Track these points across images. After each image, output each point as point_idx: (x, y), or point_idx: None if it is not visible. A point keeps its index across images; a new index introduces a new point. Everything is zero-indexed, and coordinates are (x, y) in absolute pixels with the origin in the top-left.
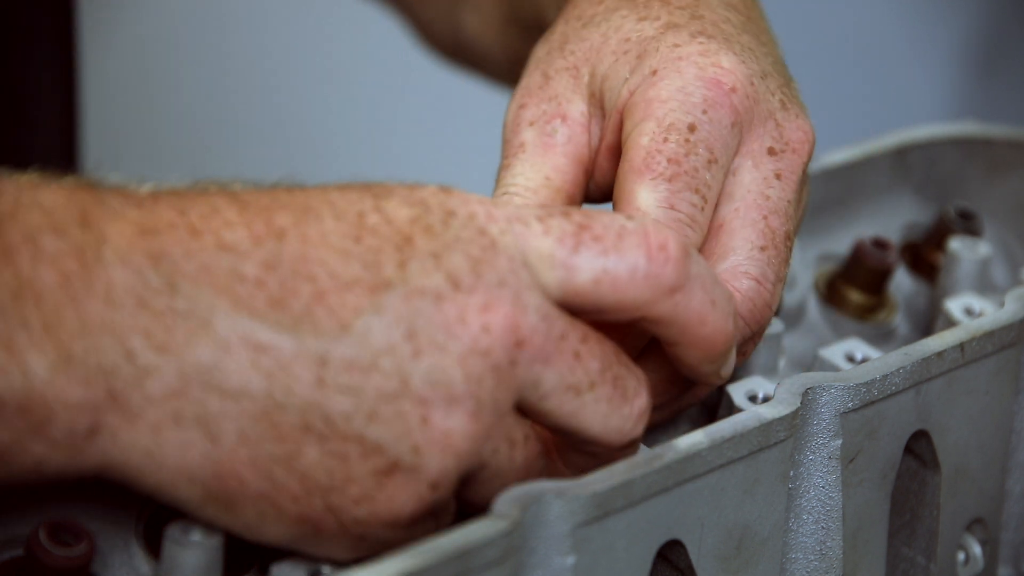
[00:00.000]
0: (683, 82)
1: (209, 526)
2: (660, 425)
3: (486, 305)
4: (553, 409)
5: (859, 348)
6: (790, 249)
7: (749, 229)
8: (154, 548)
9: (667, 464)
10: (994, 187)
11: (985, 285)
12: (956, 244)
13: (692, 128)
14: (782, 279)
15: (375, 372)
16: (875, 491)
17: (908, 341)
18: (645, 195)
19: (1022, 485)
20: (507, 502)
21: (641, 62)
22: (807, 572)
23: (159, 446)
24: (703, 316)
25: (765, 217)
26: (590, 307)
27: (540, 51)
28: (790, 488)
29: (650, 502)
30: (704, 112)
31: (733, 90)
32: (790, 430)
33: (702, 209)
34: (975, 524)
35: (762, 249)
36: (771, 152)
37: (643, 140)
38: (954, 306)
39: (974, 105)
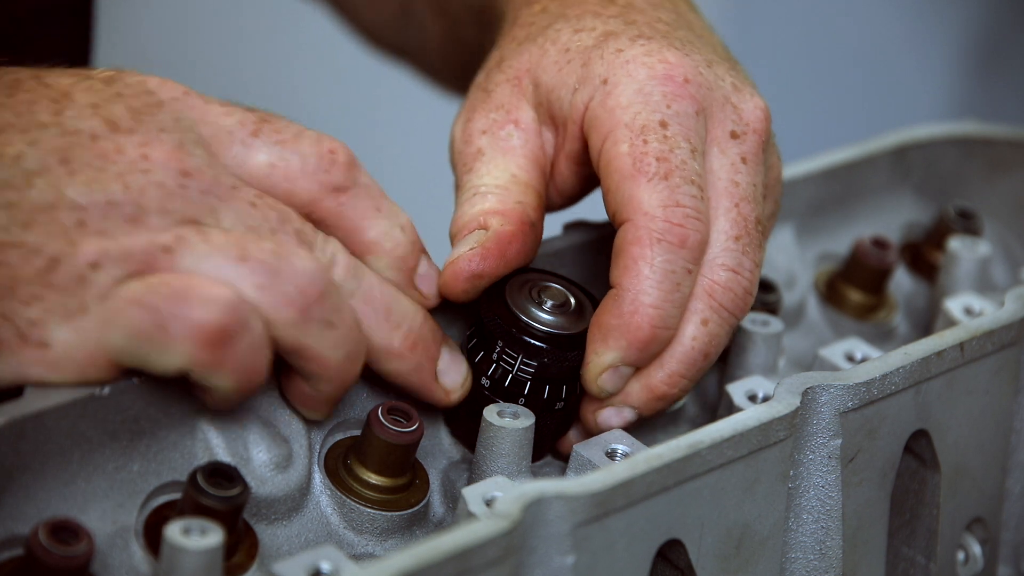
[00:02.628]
0: (638, 84)
1: (209, 526)
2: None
3: (145, 142)
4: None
5: (859, 348)
6: (763, 233)
7: (722, 219)
8: (154, 548)
9: (667, 464)
10: (994, 187)
11: (985, 285)
12: (956, 244)
13: (664, 124)
14: (759, 265)
15: (30, 189)
16: (875, 491)
17: (908, 341)
18: (647, 197)
19: (1022, 485)
20: (508, 502)
21: (587, 70)
22: (807, 571)
23: None
24: (368, 220)
25: (736, 205)
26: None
27: (479, 76)
28: (790, 488)
29: (650, 502)
30: (669, 107)
31: (687, 81)
32: (790, 430)
33: (701, 199)
34: (975, 524)
35: (736, 239)
36: (734, 136)
37: (623, 148)
38: (954, 306)
39: (974, 105)
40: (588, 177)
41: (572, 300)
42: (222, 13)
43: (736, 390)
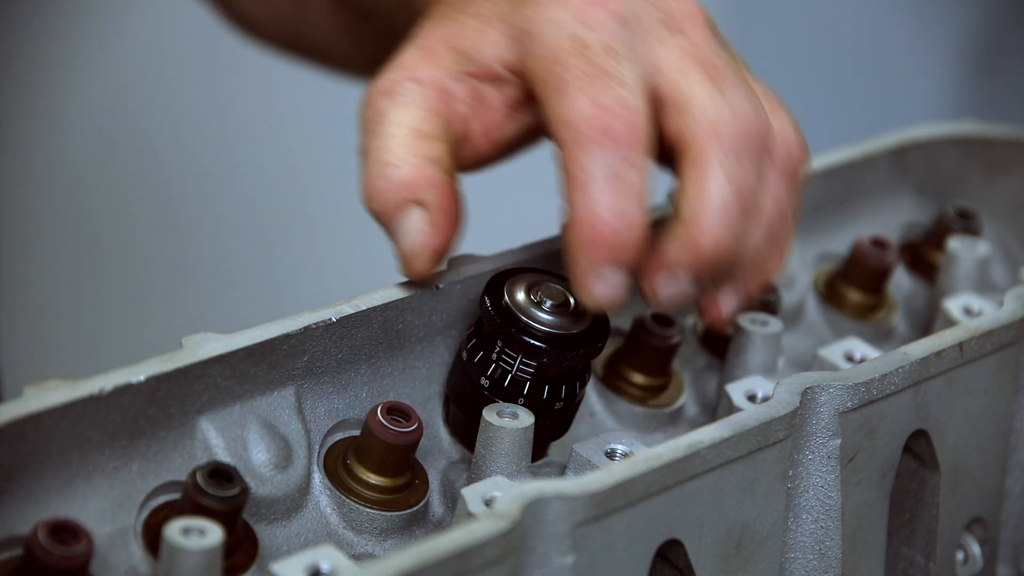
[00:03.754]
0: (558, 23)
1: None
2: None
3: None
4: None
5: (858, 347)
6: (742, 71)
7: (693, 81)
8: (154, 548)
9: (667, 464)
10: (994, 187)
11: (984, 285)
12: (955, 244)
13: (584, 44)
14: (754, 95)
15: None
16: (874, 491)
17: (907, 341)
18: (570, 108)
19: (1022, 485)
20: (507, 502)
21: (508, 26)
22: (806, 571)
23: None
24: None
25: (700, 64)
26: None
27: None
28: (789, 488)
29: (649, 502)
30: (587, 25)
31: (604, 3)
32: (789, 430)
33: (630, 93)
34: (974, 524)
35: (712, 80)
36: (670, 28)
37: (551, 85)
38: (953, 306)
39: (974, 105)
40: (527, 125)
41: (572, 300)
42: None
43: (735, 390)
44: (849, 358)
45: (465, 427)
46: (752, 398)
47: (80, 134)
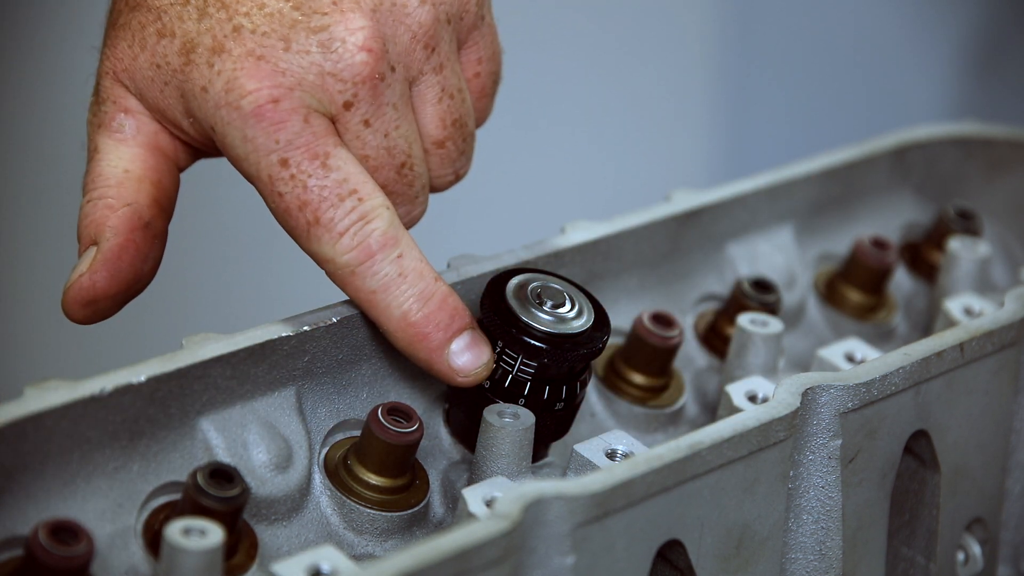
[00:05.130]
0: (239, 132)
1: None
2: None
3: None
4: None
5: (859, 348)
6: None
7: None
8: (154, 548)
9: (667, 464)
10: (994, 187)
11: (985, 285)
12: (956, 244)
13: (284, 163)
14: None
15: None
16: (875, 491)
17: (908, 341)
18: (317, 251)
19: (1022, 485)
20: (508, 502)
21: (189, 107)
22: (807, 572)
23: None
24: None
25: (376, 170)
26: None
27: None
28: (790, 488)
29: (650, 502)
30: (277, 142)
31: (275, 101)
32: (790, 430)
33: (353, 201)
34: (975, 524)
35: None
36: (347, 106)
37: (272, 205)
38: (954, 306)
39: (974, 105)
40: None
41: (572, 300)
42: None
43: (736, 391)
44: (850, 358)
45: (466, 428)
46: (752, 398)
47: (81, 133)
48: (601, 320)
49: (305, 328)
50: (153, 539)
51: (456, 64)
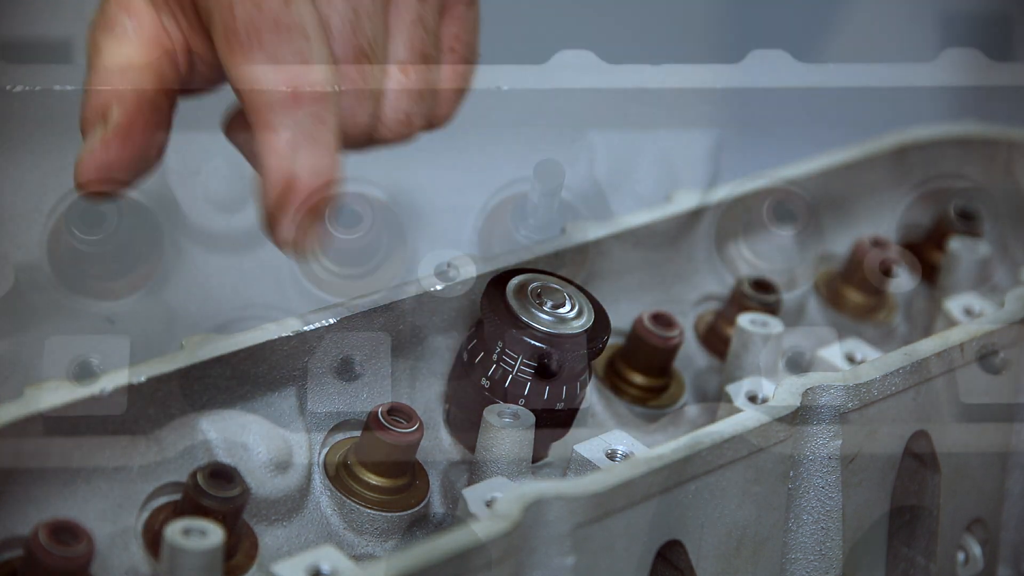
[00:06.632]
0: None
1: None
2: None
3: None
4: None
5: (859, 348)
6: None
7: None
8: (154, 549)
9: (667, 465)
10: (994, 187)
11: (985, 285)
12: (956, 244)
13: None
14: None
15: None
16: (875, 491)
17: (908, 341)
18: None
19: (1022, 485)
20: (508, 503)
21: None
22: (807, 572)
23: None
24: None
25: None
26: None
27: None
28: (790, 488)
29: (650, 502)
30: None
31: None
32: (790, 430)
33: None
34: (975, 524)
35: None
36: None
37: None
38: (954, 306)
39: (974, 105)
40: None
41: (572, 300)
42: None
43: (736, 391)
44: (850, 358)
45: (466, 428)
46: (753, 399)
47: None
48: (601, 320)
49: (305, 328)
50: (153, 539)
51: (435, 12)
